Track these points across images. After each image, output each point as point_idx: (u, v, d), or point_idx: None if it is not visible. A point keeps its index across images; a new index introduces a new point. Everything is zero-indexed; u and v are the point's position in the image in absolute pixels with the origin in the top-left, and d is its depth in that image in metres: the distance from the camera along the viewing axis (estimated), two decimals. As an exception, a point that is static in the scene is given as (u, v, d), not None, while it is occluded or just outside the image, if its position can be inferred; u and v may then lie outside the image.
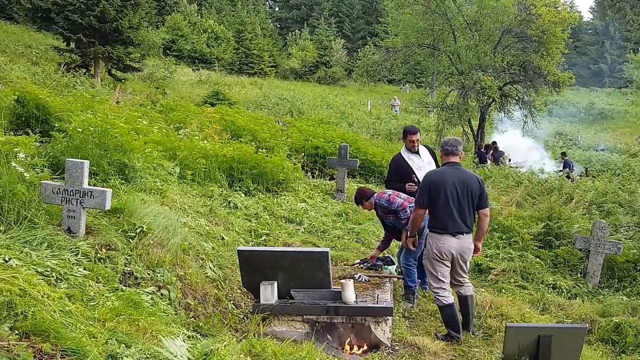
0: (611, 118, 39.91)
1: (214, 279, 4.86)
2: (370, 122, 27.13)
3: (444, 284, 4.77)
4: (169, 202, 5.89)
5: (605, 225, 7.65)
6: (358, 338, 4.36)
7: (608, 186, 12.41)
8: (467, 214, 4.71)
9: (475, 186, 4.74)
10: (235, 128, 10.79)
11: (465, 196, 4.70)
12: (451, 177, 4.73)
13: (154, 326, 3.42)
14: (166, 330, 3.43)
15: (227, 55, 40.19)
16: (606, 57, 64.53)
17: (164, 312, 3.75)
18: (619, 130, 34.48)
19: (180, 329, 3.58)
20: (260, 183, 9.00)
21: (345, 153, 10.84)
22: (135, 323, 3.34)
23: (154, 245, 4.48)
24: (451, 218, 4.66)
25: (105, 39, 20.61)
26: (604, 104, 44.64)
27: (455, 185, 4.68)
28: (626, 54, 52.74)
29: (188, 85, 25.89)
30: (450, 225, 4.67)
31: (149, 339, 3.25)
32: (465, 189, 4.70)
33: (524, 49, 20.10)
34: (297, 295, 4.48)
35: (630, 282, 7.35)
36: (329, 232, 7.92)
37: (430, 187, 4.76)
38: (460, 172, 4.81)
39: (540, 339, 4.01)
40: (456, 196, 4.68)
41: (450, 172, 4.78)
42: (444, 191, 4.67)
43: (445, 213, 4.68)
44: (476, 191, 4.73)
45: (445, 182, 4.70)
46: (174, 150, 7.80)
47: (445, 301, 4.74)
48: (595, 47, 66.89)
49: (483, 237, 5.02)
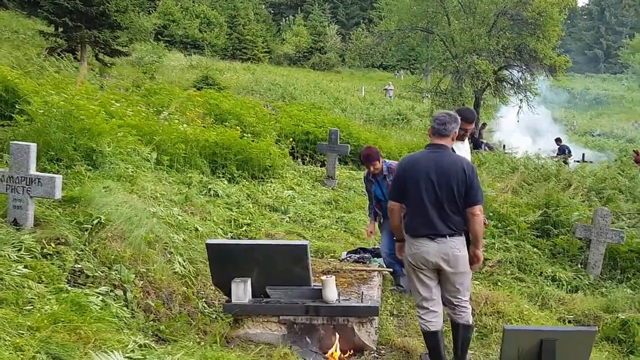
0: (607, 104, 39.47)
1: (183, 275, 4.37)
2: (364, 108, 26.54)
3: (429, 303, 3.69)
4: (139, 189, 5.37)
5: (607, 213, 7.18)
6: (340, 341, 3.89)
7: (607, 172, 11.97)
8: (449, 211, 3.58)
9: (458, 176, 3.56)
10: (220, 112, 10.24)
11: (445, 189, 3.56)
12: (427, 164, 3.61)
13: (100, 334, 2.93)
14: (114, 338, 2.94)
15: (219, 41, 39.30)
16: (601, 43, 63.92)
17: (115, 317, 3.26)
18: (615, 116, 34.04)
19: (134, 336, 3.09)
20: (245, 170, 8.50)
21: (335, 138, 10.35)
22: (77, 331, 2.85)
23: (113, 239, 3.98)
24: (425, 216, 3.59)
25: (91, 22, 19.87)
26: (599, 89, 44.17)
27: (430, 175, 3.57)
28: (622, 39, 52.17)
29: (178, 70, 25.19)
30: (423, 225, 3.61)
31: (91, 350, 2.77)
32: (445, 179, 3.56)
33: (520, 31, 19.54)
34: (273, 294, 4.00)
35: (634, 274, 6.90)
36: (316, 222, 7.44)
37: (400, 177, 3.72)
38: (441, 157, 3.63)
39: (543, 343, 3.53)
40: (432, 189, 3.57)
41: (427, 158, 3.66)
42: (416, 182, 3.60)
43: (418, 210, 3.62)
44: (461, 183, 3.56)
45: (419, 171, 3.62)
46: (152, 135, 7.27)
47: (427, 327, 3.68)
48: (590, 33, 66.22)
49: (480, 243, 3.72)
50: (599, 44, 64.52)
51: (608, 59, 62.12)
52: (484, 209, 5.36)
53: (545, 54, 19.28)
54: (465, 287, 3.77)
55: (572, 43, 61.50)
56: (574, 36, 64.85)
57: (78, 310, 3.10)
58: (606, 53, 63.18)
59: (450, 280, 3.67)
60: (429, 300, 3.70)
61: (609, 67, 60.24)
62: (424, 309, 3.71)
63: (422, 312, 3.73)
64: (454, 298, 3.72)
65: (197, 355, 2.93)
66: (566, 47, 49.80)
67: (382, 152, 13.98)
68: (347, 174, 11.29)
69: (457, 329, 3.78)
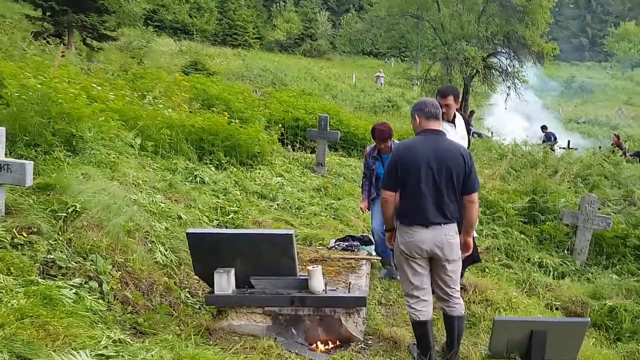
0: (591, 91, 39.47)
1: (164, 264, 4.16)
2: (355, 95, 26.24)
3: (420, 292, 3.52)
4: (120, 176, 5.13)
5: (595, 200, 7.07)
6: (327, 332, 3.72)
7: (592, 158, 11.90)
8: (447, 199, 3.41)
9: (458, 164, 3.40)
10: (207, 97, 9.93)
11: (445, 176, 3.39)
12: (427, 151, 3.41)
13: (70, 330, 2.72)
14: (85, 334, 2.74)
15: (210, 27, 38.58)
16: (587, 31, 63.87)
17: (89, 310, 3.05)
18: (599, 104, 34.06)
19: (108, 331, 2.88)
20: (233, 156, 8.23)
21: (325, 124, 10.12)
22: (45, 327, 2.64)
23: (89, 228, 3.76)
24: (422, 204, 3.39)
25: (78, 6, 19.29)
26: (585, 77, 44.17)
27: (430, 162, 3.37)
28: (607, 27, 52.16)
29: (168, 56, 24.64)
30: (420, 213, 3.41)
31: (60, 347, 2.56)
32: (445, 166, 3.38)
33: (508, 18, 19.30)
34: (258, 284, 3.80)
35: (619, 259, 6.82)
36: (305, 209, 7.23)
37: (398, 164, 3.46)
38: (440, 143, 3.45)
39: (533, 334, 3.39)
40: (432, 176, 3.38)
41: (426, 144, 3.45)
42: (416, 169, 3.39)
43: (415, 198, 3.41)
44: (460, 170, 3.40)
45: (418, 157, 3.40)
46: (136, 120, 7.00)
47: (417, 317, 3.52)
48: (576, 21, 66.09)
49: (473, 230, 3.62)
50: (585, 33, 64.47)
51: (593, 47, 62.12)
52: None
53: (533, 41, 19.10)
54: (457, 277, 3.61)
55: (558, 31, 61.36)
56: (561, 25, 64.65)
57: (48, 304, 2.89)
58: (591, 41, 63.16)
59: (443, 268, 3.51)
60: (420, 289, 3.53)
61: (594, 55, 60.25)
62: (415, 297, 3.54)
63: (412, 301, 3.55)
64: (447, 288, 3.55)
65: (173, 353, 2.73)
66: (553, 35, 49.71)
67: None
68: (337, 161, 11.08)
69: (451, 322, 3.61)
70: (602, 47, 55.66)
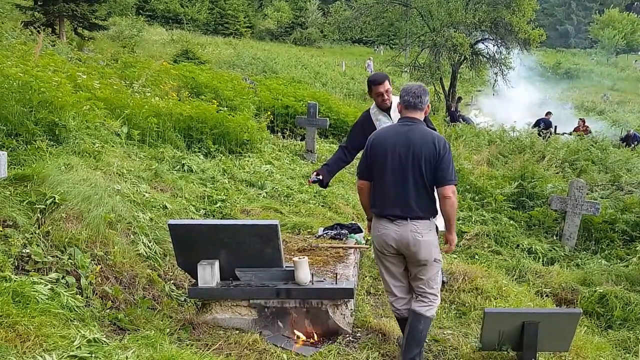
0: (577, 77, 39.38)
1: (148, 256, 3.95)
2: (345, 82, 25.93)
3: (397, 290, 3.27)
4: (104, 166, 4.89)
5: (583, 185, 6.93)
6: (314, 325, 3.54)
7: (580, 143, 11.77)
8: (415, 191, 3.06)
9: (428, 150, 3.04)
10: (196, 85, 9.64)
11: (411, 164, 3.05)
12: (395, 138, 3.12)
13: (43, 329, 2.52)
14: (58, 333, 2.54)
15: (201, 16, 37.94)
16: (572, 18, 63.61)
17: (65, 307, 2.85)
18: (585, 90, 33.96)
19: (84, 329, 2.68)
20: (222, 144, 8.00)
21: (314, 112, 9.90)
22: (15, 327, 2.44)
23: (68, 220, 3.53)
24: (387, 195, 3.12)
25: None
26: (570, 64, 44.02)
27: (397, 150, 3.08)
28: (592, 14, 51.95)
29: (159, 45, 24.18)
30: (385, 204, 3.13)
31: (30, 349, 2.36)
32: (412, 153, 3.05)
33: (495, 4, 19.02)
34: (243, 276, 3.61)
35: (607, 244, 6.71)
36: (294, 197, 7.01)
37: (368, 150, 3.23)
38: (411, 131, 3.11)
39: (525, 325, 3.24)
40: (398, 164, 3.07)
41: (397, 132, 3.16)
42: (384, 157, 3.12)
43: (381, 188, 3.16)
44: (429, 159, 3.03)
45: (386, 145, 3.12)
46: (123, 108, 6.73)
47: (399, 314, 3.30)
48: (562, 9, 65.77)
49: (452, 227, 3.19)
50: (570, 20, 64.20)
51: (578, 34, 61.90)
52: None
53: (520, 27, 18.84)
54: (431, 279, 3.19)
55: (544, 18, 61.07)
56: (547, 12, 64.38)
57: (20, 302, 2.68)
58: (577, 28, 62.93)
59: (413, 267, 3.19)
60: (396, 287, 3.29)
61: (579, 42, 60.08)
62: (393, 295, 3.31)
63: (391, 299, 3.33)
64: (418, 288, 3.22)
65: (150, 353, 2.54)
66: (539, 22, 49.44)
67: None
68: (327, 148, 10.88)
69: (412, 318, 3.18)
70: (587, 34, 55.47)
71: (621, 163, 10.36)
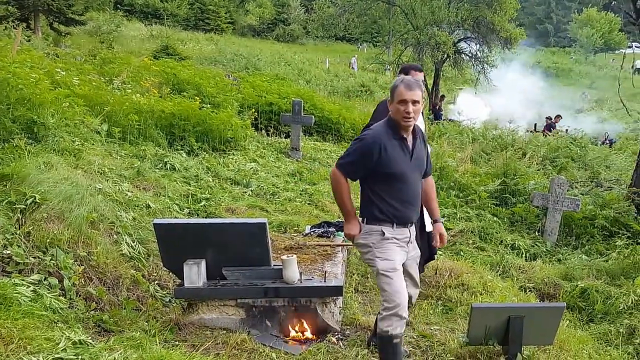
0: (556, 76, 40.00)
1: (131, 257, 3.90)
2: (328, 79, 25.92)
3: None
4: (85, 164, 4.81)
5: (563, 182, 7.04)
6: (302, 323, 3.54)
7: (560, 141, 11.97)
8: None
9: None
10: (178, 81, 9.54)
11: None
12: None
13: (26, 332, 2.47)
14: (43, 336, 2.49)
15: (181, 11, 37.49)
16: (552, 17, 64.60)
17: (48, 309, 2.80)
18: (564, 88, 34.53)
19: (68, 331, 2.64)
20: (205, 142, 7.94)
21: (299, 109, 9.87)
22: (-4, 331, 2.39)
23: (49, 220, 3.47)
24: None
25: (44, -11, 18.47)
26: (550, 62, 44.70)
27: None
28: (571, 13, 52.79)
29: (138, 40, 23.83)
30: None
31: (13, 352, 2.31)
32: None
33: (477, 3, 19.21)
34: (230, 275, 3.60)
35: (587, 240, 6.83)
36: (280, 195, 7.01)
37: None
38: None
39: (511, 320, 3.29)
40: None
41: None
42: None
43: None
44: None
45: None
46: (103, 105, 6.63)
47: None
48: (542, 8, 66.75)
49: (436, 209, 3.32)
50: (550, 19, 65.19)
51: (558, 33, 62.91)
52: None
53: (502, 26, 19.07)
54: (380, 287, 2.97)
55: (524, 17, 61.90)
56: (527, 11, 65.27)
57: (3, 304, 2.62)
58: (556, 27, 63.94)
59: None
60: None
61: (559, 40, 61.01)
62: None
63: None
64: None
65: (137, 355, 2.51)
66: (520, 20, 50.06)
67: (347, 123, 13.48)
68: (312, 146, 10.87)
69: None
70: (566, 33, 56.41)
71: (600, 160, 10.57)
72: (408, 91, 2.83)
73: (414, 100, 2.84)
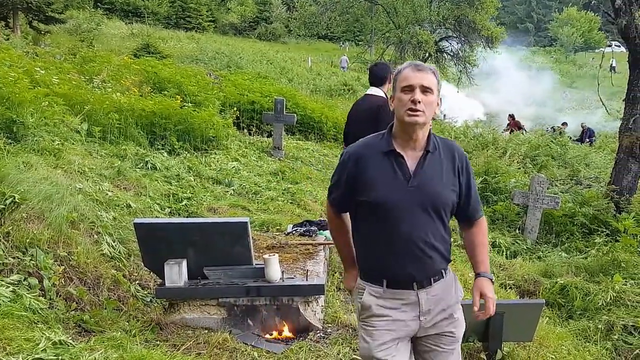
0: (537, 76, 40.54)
1: (112, 256, 3.89)
2: (311, 78, 25.93)
3: None
4: (65, 164, 4.78)
5: (544, 180, 7.20)
6: (284, 322, 3.57)
7: (540, 139, 12.18)
8: None
9: None
10: (159, 80, 9.48)
11: None
12: None
13: (5, 332, 2.46)
14: (22, 336, 2.48)
15: (162, 9, 37.14)
16: (533, 17, 65.51)
17: (28, 309, 2.78)
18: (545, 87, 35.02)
19: (48, 331, 2.63)
20: (186, 141, 7.91)
21: (281, 108, 9.88)
22: (-25, 332, 2.37)
23: (29, 220, 3.44)
24: None
25: (22, -13, 18.12)
26: (530, 61, 45.32)
27: None
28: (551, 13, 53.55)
29: (118, 39, 23.56)
30: None
31: (-8, 354, 2.30)
32: None
33: (459, 2, 19.46)
34: (212, 275, 3.61)
35: (567, 237, 6.99)
36: (262, 194, 7.02)
37: None
38: None
39: (491, 317, 3.35)
40: None
41: None
42: None
43: None
44: None
45: None
46: (83, 104, 6.57)
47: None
48: (522, 7, 67.65)
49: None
50: (530, 18, 66.12)
51: (538, 32, 63.84)
52: None
53: (483, 25, 19.34)
54: None
55: (505, 16, 62.68)
56: (508, 10, 66.11)
57: (-20, 305, 2.61)
58: (537, 26, 64.88)
59: None
60: None
61: (539, 40, 61.92)
62: None
63: None
64: None
65: (118, 354, 2.52)
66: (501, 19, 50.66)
67: (329, 122, 13.48)
68: (294, 145, 10.89)
69: None
70: (546, 32, 57.27)
71: (580, 158, 10.79)
72: (417, 72, 1.99)
73: (424, 87, 1.98)
